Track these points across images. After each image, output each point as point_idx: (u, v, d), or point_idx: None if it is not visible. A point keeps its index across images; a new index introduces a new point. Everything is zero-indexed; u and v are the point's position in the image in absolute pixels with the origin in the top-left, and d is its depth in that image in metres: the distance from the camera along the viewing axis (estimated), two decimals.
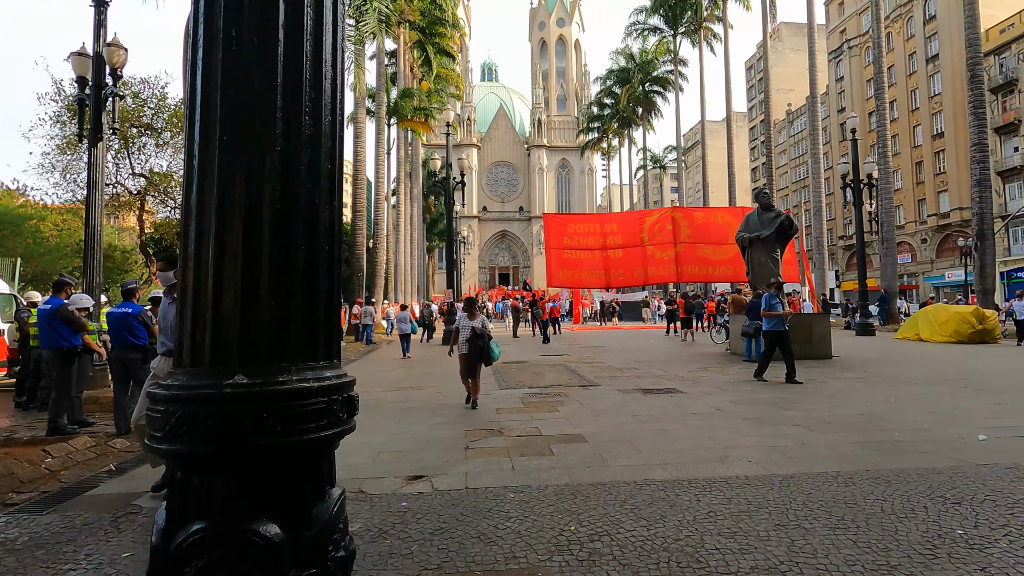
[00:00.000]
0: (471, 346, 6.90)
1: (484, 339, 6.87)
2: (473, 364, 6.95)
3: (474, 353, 6.90)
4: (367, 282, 26.75)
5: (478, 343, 6.86)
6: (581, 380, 9.31)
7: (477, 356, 6.91)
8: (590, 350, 15.40)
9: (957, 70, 40.83)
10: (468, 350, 6.93)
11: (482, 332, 6.87)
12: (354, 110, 22.63)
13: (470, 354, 6.93)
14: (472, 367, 6.97)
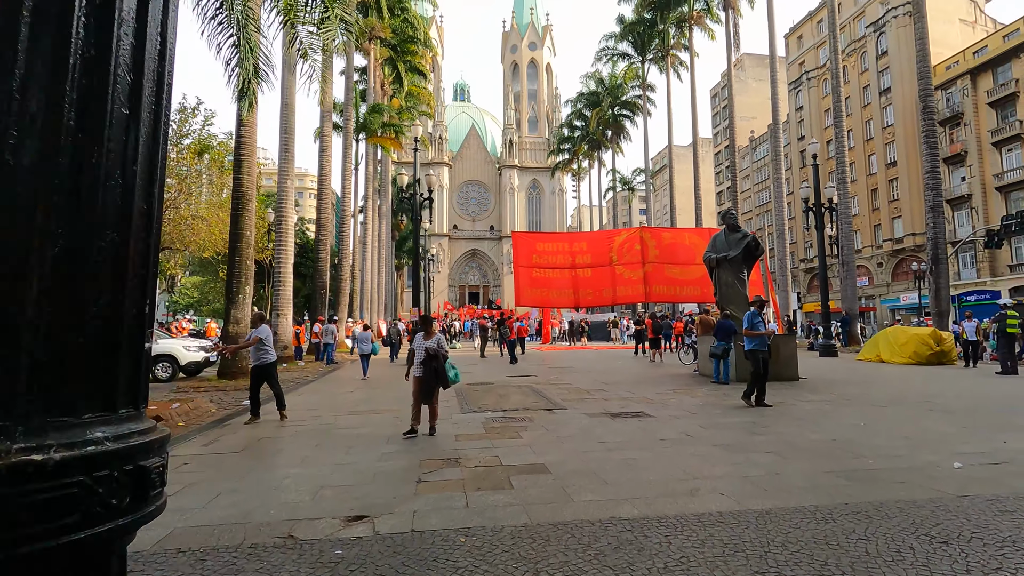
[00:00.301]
0: (426, 368, 6.36)
1: (439, 360, 6.34)
2: (428, 387, 6.41)
3: (429, 375, 6.36)
4: (331, 299, 25.95)
5: (433, 364, 6.33)
6: (547, 403, 8.94)
7: (433, 378, 6.37)
8: (558, 371, 15.06)
9: (908, 103, 42.97)
10: (423, 372, 6.39)
11: (436, 352, 6.35)
12: (320, 124, 22.12)
13: (425, 377, 6.38)
14: (428, 391, 6.42)
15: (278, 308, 17.13)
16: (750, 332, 8.56)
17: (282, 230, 17.19)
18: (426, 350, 6.37)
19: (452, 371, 6.51)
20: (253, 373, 8.02)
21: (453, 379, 6.53)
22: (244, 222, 12.93)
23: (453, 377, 6.52)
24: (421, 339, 6.50)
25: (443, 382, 6.45)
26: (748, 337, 8.58)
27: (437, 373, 6.36)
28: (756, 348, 8.47)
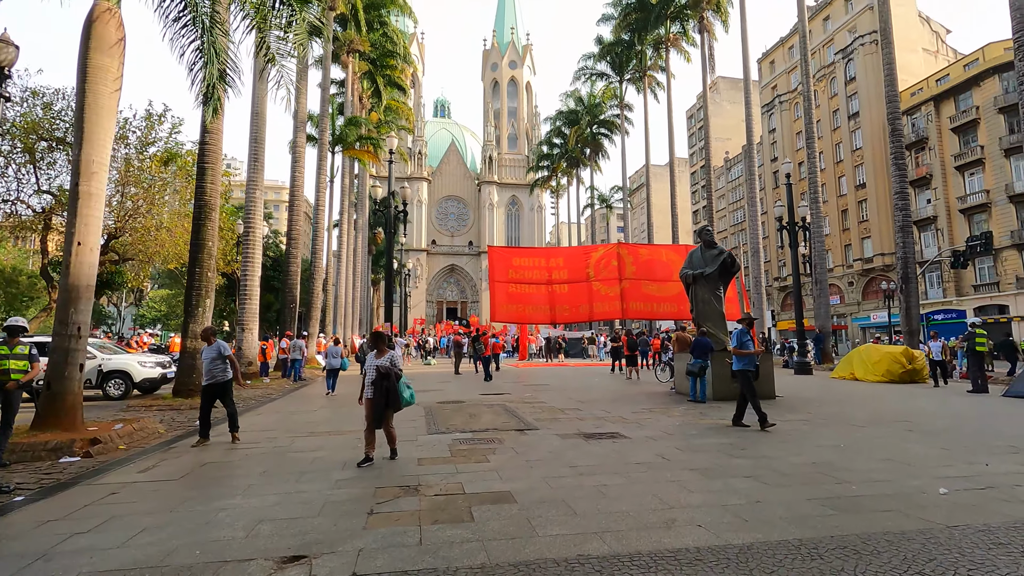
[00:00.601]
0: (376, 389, 5.82)
1: (391, 379, 5.80)
2: (379, 410, 5.85)
3: (379, 397, 5.81)
4: (301, 314, 25.22)
5: (384, 385, 5.79)
6: (519, 423, 8.56)
7: (383, 400, 5.81)
8: (532, 389, 14.69)
9: (875, 127, 44.37)
10: (373, 394, 5.86)
11: (388, 371, 5.80)
12: (293, 135, 21.66)
13: (375, 399, 5.83)
14: (378, 414, 5.86)
15: (244, 323, 16.45)
16: (739, 351, 8.07)
17: (250, 242, 16.59)
18: (377, 369, 5.86)
19: (407, 391, 5.98)
20: (206, 392, 7.49)
21: (407, 400, 5.98)
22: (206, 232, 12.38)
23: (408, 398, 5.98)
24: (373, 357, 6.00)
25: (394, 404, 5.88)
26: (737, 356, 8.11)
27: (388, 394, 5.82)
28: (745, 368, 8.02)
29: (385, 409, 5.90)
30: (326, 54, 26.85)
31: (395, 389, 5.84)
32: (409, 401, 6.02)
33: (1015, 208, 35.41)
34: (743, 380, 7.99)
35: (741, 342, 8.11)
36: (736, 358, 8.13)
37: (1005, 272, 36.12)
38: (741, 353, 8.05)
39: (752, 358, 8.13)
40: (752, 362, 8.12)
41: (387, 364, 5.87)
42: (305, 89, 21.74)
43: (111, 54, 8.48)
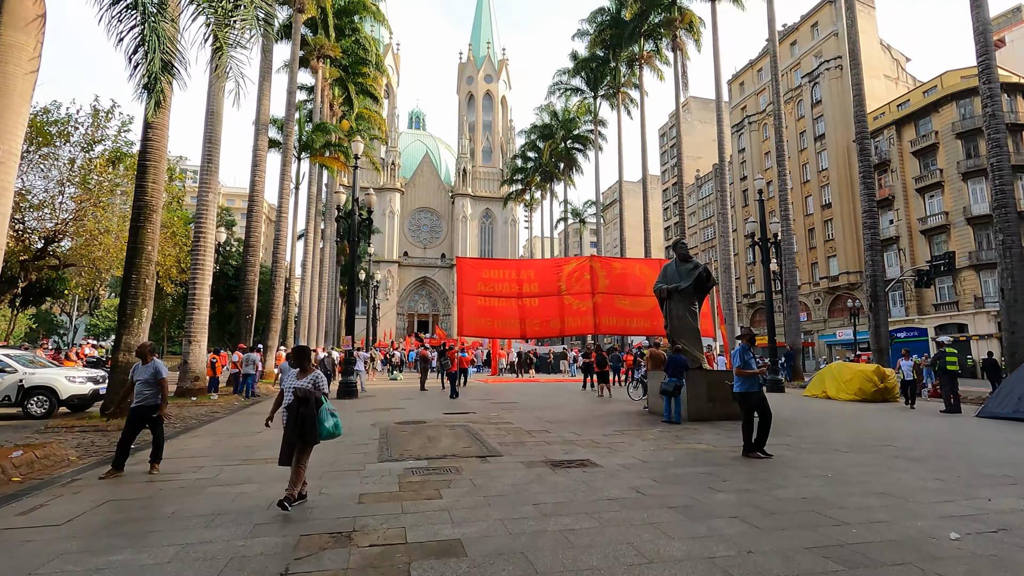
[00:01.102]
0: (290, 416, 4.75)
1: (310, 406, 4.74)
2: (290, 443, 4.75)
3: (293, 426, 4.70)
4: (258, 325, 23.97)
5: (301, 411, 4.69)
6: (481, 448, 7.81)
7: (297, 430, 4.69)
8: (500, 407, 13.94)
9: (841, 148, 45.53)
10: (285, 421, 4.80)
11: (307, 395, 4.75)
12: (255, 137, 20.65)
13: (287, 430, 4.75)
14: (288, 448, 4.75)
15: (191, 334, 15.29)
16: (742, 371, 7.19)
17: (200, 248, 15.50)
18: (295, 392, 4.81)
19: (330, 420, 4.86)
20: (134, 415, 6.52)
21: (329, 432, 4.85)
22: (146, 235, 11.36)
23: (330, 429, 4.85)
24: (293, 377, 4.96)
25: (310, 436, 4.76)
26: (740, 377, 7.26)
27: (304, 423, 4.71)
28: (748, 390, 7.19)
29: (299, 441, 4.78)
30: (293, 56, 25.95)
31: (313, 418, 4.75)
32: (331, 433, 4.89)
33: (973, 230, 36.52)
34: (745, 404, 7.22)
35: (744, 360, 7.23)
36: (737, 379, 7.30)
37: (964, 292, 37.12)
38: (744, 373, 7.20)
39: (756, 379, 7.28)
40: (756, 383, 7.27)
41: (308, 386, 4.84)
42: (268, 91, 20.81)
43: (27, 31, 7.57)
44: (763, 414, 7.16)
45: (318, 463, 6.74)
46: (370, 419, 11.28)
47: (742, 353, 7.31)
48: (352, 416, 11.91)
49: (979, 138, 36.89)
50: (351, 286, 17.26)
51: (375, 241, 65.43)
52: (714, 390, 11.04)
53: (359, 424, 10.53)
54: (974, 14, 16.72)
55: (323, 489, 5.50)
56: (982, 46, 16.58)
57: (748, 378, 7.23)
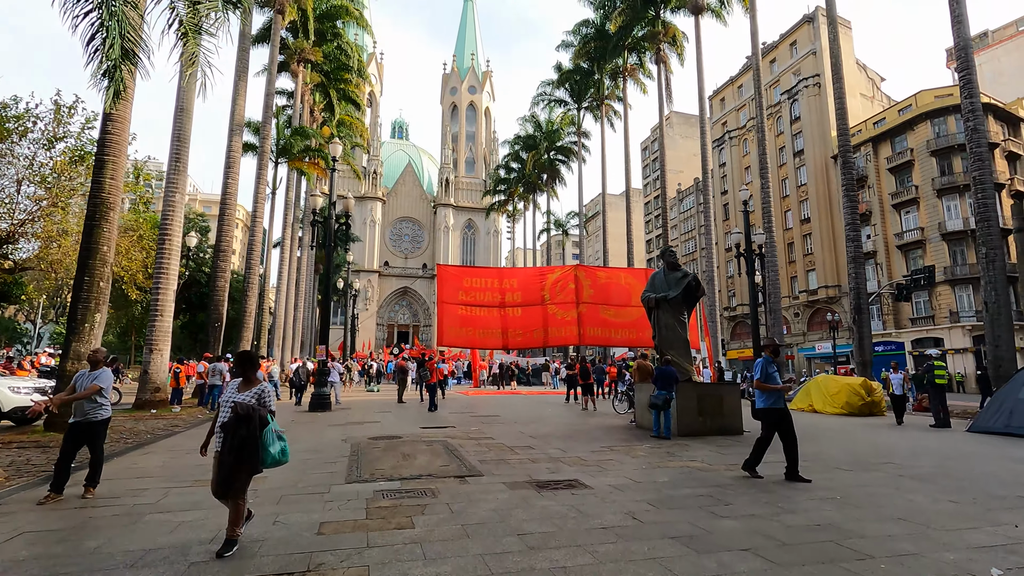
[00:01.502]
0: (227, 438, 3.89)
1: (251, 425, 3.88)
2: (228, 472, 3.86)
3: (230, 450, 3.85)
4: (232, 334, 23.01)
5: (240, 433, 3.86)
6: (460, 467, 7.20)
7: (234, 455, 3.85)
8: (481, 420, 13.32)
9: (819, 164, 46.21)
10: (221, 444, 3.93)
11: (248, 413, 3.91)
12: (228, 138, 19.86)
13: (222, 454, 3.89)
14: (226, 477, 3.88)
15: (152, 342, 14.38)
16: (765, 386, 6.55)
17: (165, 251, 14.66)
18: (234, 407, 3.95)
19: (275, 444, 3.99)
20: (72, 432, 5.78)
21: (274, 459, 3.97)
22: (101, 235, 10.55)
23: (275, 455, 3.97)
24: (235, 389, 4.14)
25: (250, 462, 3.91)
26: (762, 393, 6.65)
27: (243, 447, 3.84)
28: (772, 406, 6.59)
29: (236, 470, 3.88)
30: (272, 59, 25.29)
31: (255, 441, 3.89)
32: (276, 460, 4.00)
33: (947, 245, 37.17)
34: (767, 422, 6.60)
35: (767, 374, 6.56)
36: (760, 394, 6.64)
37: (939, 306, 37.66)
38: (768, 388, 6.55)
39: (781, 394, 6.64)
40: (781, 399, 6.63)
41: (250, 401, 4.02)
42: (244, 91, 20.10)
43: None
44: (787, 437, 6.52)
45: (277, 484, 6.08)
46: (342, 433, 10.57)
47: (765, 366, 6.65)
48: (323, 430, 11.19)
49: (953, 156, 37.73)
50: (326, 294, 16.55)
51: (355, 250, 64.38)
52: (705, 403, 10.61)
53: (329, 439, 9.83)
54: (955, 30, 16.87)
55: (279, 516, 4.84)
56: (963, 61, 16.71)
57: (772, 393, 6.60)
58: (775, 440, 6.65)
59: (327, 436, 10.26)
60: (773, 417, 6.59)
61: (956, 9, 16.82)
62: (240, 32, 20.34)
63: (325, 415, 14.55)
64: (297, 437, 10.22)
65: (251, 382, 4.24)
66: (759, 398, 6.72)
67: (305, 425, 12.27)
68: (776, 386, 6.61)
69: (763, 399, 6.67)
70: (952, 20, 16.97)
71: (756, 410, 6.75)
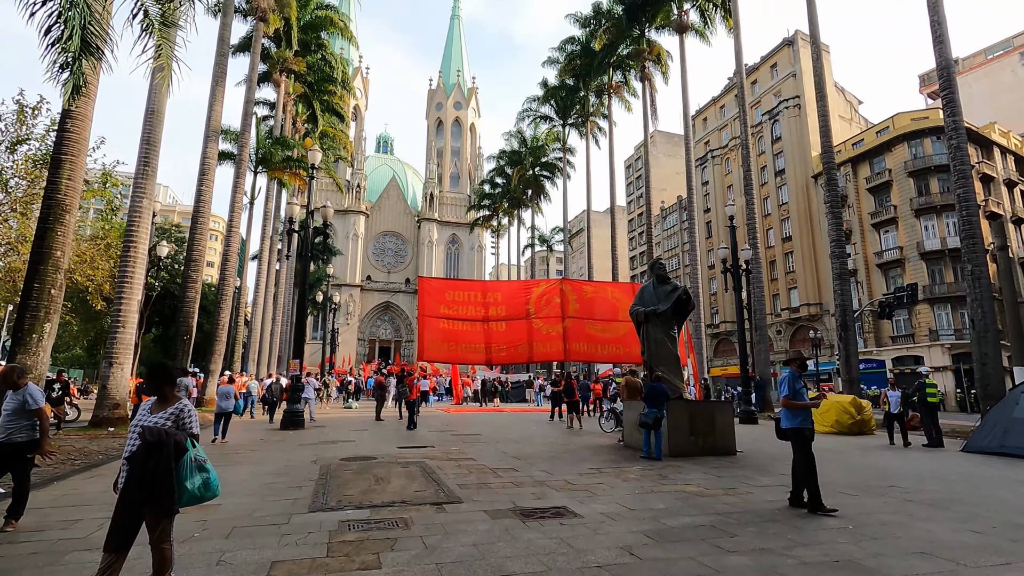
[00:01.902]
0: (133, 469, 3.16)
1: (166, 454, 3.15)
2: (133, 512, 3.14)
3: (139, 485, 3.12)
4: (207, 348, 22.03)
5: (150, 465, 3.12)
6: (437, 492, 6.59)
7: (145, 492, 3.11)
8: (462, 440, 12.69)
9: (800, 183, 46.84)
10: (127, 479, 3.20)
11: (159, 439, 3.17)
12: (204, 145, 19.17)
13: (129, 488, 3.16)
14: (131, 520, 3.15)
15: (112, 356, 13.52)
16: (792, 403, 5.97)
17: (129, 259, 13.87)
18: (142, 433, 3.23)
19: (195, 477, 3.22)
20: None
21: (193, 495, 3.20)
22: (55, 239, 9.84)
23: (194, 491, 3.20)
24: (146, 411, 3.44)
25: (164, 501, 3.14)
26: (789, 411, 6.04)
27: (155, 481, 3.10)
28: (801, 426, 5.97)
29: (146, 510, 3.16)
30: (252, 65, 24.75)
31: (168, 473, 3.14)
32: (198, 496, 3.22)
33: (926, 264, 37.67)
34: (800, 444, 5.95)
35: (794, 390, 6.01)
36: (786, 412, 6.06)
37: (919, 325, 38.02)
38: (795, 405, 5.99)
39: (809, 413, 6.07)
40: (809, 417, 6.08)
41: (165, 424, 3.32)
42: (221, 96, 19.49)
43: None
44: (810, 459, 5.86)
45: (231, 513, 5.42)
46: (312, 454, 9.86)
47: (792, 381, 6.04)
48: (292, 450, 10.47)
49: (930, 176, 38.47)
50: (301, 306, 15.85)
51: (338, 264, 63.40)
52: (696, 422, 10.15)
53: (298, 460, 9.12)
54: (937, 50, 17.06)
55: (225, 554, 4.21)
56: (945, 81, 16.86)
57: (800, 411, 6.01)
58: (772, 461, 6.16)
59: (296, 457, 9.55)
60: (805, 437, 5.95)
61: (938, 31, 17.03)
62: (219, 37, 19.81)
63: (297, 433, 13.78)
64: (264, 458, 9.51)
65: (167, 400, 3.54)
66: (786, 417, 6.10)
67: (274, 445, 11.53)
68: (806, 403, 6.02)
69: (791, 418, 6.06)
70: (934, 41, 17.17)
71: (785, 431, 6.12)
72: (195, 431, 3.47)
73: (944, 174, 38.04)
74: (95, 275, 20.78)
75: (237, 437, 12.73)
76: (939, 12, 17.04)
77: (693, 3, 31.29)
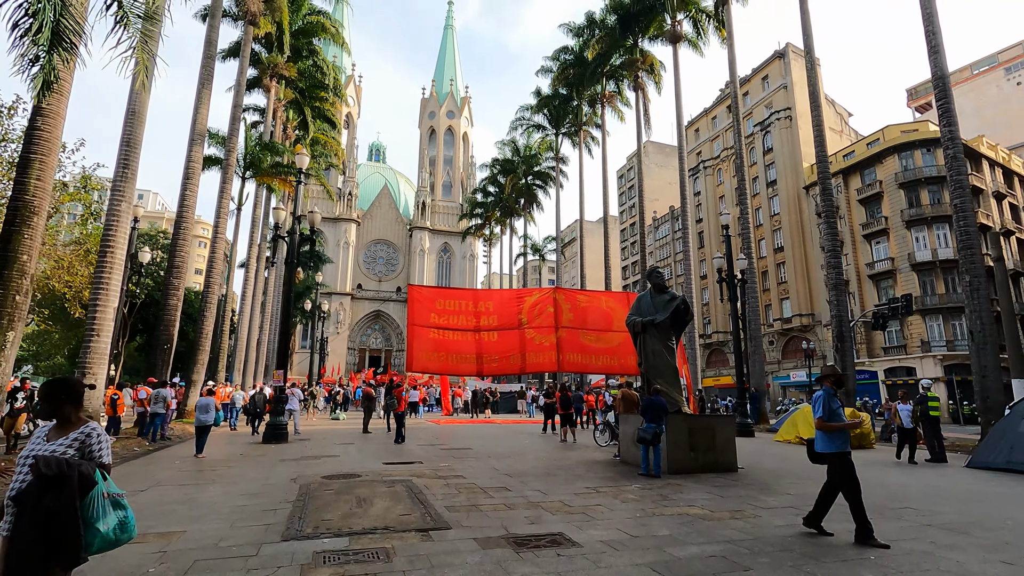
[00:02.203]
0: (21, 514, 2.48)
1: (65, 491, 2.50)
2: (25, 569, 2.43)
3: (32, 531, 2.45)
4: (186, 357, 21.36)
5: (44, 505, 2.46)
6: (424, 516, 6.11)
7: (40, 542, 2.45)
8: (451, 455, 12.19)
9: (791, 194, 46.97)
10: (12, 527, 2.49)
11: (58, 472, 2.51)
12: (188, 148, 18.67)
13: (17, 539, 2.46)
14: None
15: (85, 366, 12.89)
16: (829, 424, 5.35)
17: (106, 264, 13.30)
18: (36, 465, 2.53)
19: (108, 517, 2.60)
20: None
21: (106, 539, 2.58)
22: (21, 242, 9.30)
23: (106, 535, 2.57)
24: (41, 438, 2.77)
25: (67, 550, 2.49)
26: (825, 433, 5.42)
27: (55, 524, 2.47)
28: (841, 450, 5.38)
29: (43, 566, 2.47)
30: (242, 68, 24.34)
31: (72, 514, 2.50)
32: (111, 541, 2.60)
33: (917, 275, 37.74)
34: (839, 469, 5.37)
35: (830, 410, 5.33)
36: (822, 436, 5.45)
37: (911, 336, 38.01)
38: (832, 428, 5.35)
39: (847, 436, 5.43)
40: (847, 441, 5.44)
41: (67, 453, 2.67)
42: (208, 98, 19.03)
43: None
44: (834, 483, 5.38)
45: (195, 543, 4.92)
46: (293, 471, 9.33)
47: (827, 400, 5.37)
48: (272, 467, 9.92)
49: (920, 188, 38.67)
50: (286, 312, 15.32)
51: (328, 272, 62.70)
52: (696, 437, 9.73)
53: (276, 478, 8.59)
54: (932, 60, 16.98)
55: None
56: (941, 91, 16.78)
57: (838, 434, 5.37)
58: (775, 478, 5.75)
59: (275, 474, 9.02)
60: (839, 462, 5.38)
61: (933, 40, 16.97)
62: (206, 38, 19.40)
63: (279, 448, 13.21)
64: (240, 475, 8.97)
65: (70, 424, 2.83)
66: (822, 440, 5.47)
67: (253, 460, 10.96)
68: (845, 424, 5.39)
69: (829, 442, 5.41)
70: (929, 51, 17.10)
71: (822, 455, 5.48)
72: (106, 460, 2.80)
73: (935, 186, 38.27)
74: (73, 281, 20.11)
75: (216, 451, 12.14)
76: (934, 22, 17.00)
77: (686, 14, 31.34)
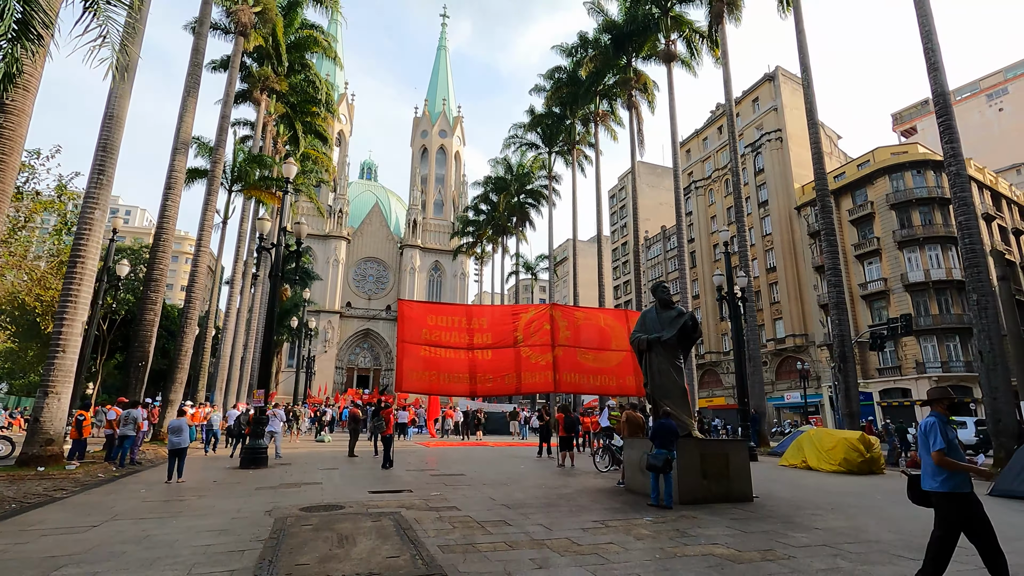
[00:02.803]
0: None
1: None
2: None
3: None
4: (166, 375, 20.34)
5: None
6: (414, 560, 5.34)
7: None
8: (443, 481, 11.37)
9: (783, 214, 47.06)
10: None
11: None
12: (171, 157, 17.98)
13: None
14: None
15: (49, 384, 11.98)
16: (946, 461, 4.08)
17: (75, 275, 12.48)
18: None
19: None
20: None
21: None
22: None
23: None
24: None
25: None
26: (935, 471, 4.17)
27: None
28: (957, 490, 4.12)
29: None
30: (231, 79, 23.83)
31: None
32: None
33: (911, 296, 37.63)
34: (949, 516, 4.12)
35: (948, 441, 4.12)
36: (934, 470, 4.18)
37: (905, 357, 37.75)
38: (959, 467, 4.10)
39: (967, 476, 4.15)
40: (967, 481, 4.14)
41: None
42: (193, 107, 18.43)
43: None
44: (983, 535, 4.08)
45: None
46: (268, 501, 8.48)
47: (943, 429, 4.16)
48: (247, 496, 9.06)
49: (912, 209, 38.83)
50: (269, 329, 14.52)
51: (316, 289, 61.70)
52: (708, 463, 9.05)
53: (249, 510, 7.75)
54: (931, 77, 16.86)
55: None
56: (941, 108, 16.61)
57: (958, 472, 4.12)
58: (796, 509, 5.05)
59: (248, 505, 8.17)
60: (957, 504, 4.10)
61: (932, 58, 16.87)
62: (193, 47, 18.90)
63: (258, 473, 12.30)
64: (209, 507, 8.11)
65: None
66: (934, 476, 4.18)
67: (226, 488, 10.06)
68: (963, 464, 4.10)
69: (940, 479, 4.15)
70: (928, 68, 16.99)
71: (931, 494, 4.23)
72: None
73: (926, 207, 38.45)
74: (45, 296, 19.16)
75: (188, 477, 11.22)
76: (932, 40, 16.93)
77: (680, 34, 31.48)
